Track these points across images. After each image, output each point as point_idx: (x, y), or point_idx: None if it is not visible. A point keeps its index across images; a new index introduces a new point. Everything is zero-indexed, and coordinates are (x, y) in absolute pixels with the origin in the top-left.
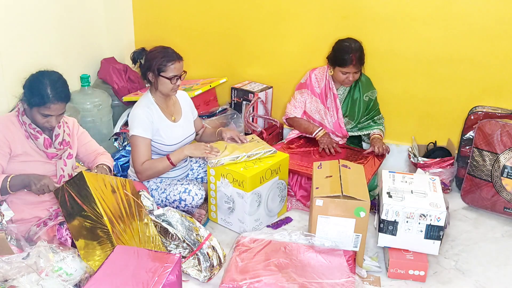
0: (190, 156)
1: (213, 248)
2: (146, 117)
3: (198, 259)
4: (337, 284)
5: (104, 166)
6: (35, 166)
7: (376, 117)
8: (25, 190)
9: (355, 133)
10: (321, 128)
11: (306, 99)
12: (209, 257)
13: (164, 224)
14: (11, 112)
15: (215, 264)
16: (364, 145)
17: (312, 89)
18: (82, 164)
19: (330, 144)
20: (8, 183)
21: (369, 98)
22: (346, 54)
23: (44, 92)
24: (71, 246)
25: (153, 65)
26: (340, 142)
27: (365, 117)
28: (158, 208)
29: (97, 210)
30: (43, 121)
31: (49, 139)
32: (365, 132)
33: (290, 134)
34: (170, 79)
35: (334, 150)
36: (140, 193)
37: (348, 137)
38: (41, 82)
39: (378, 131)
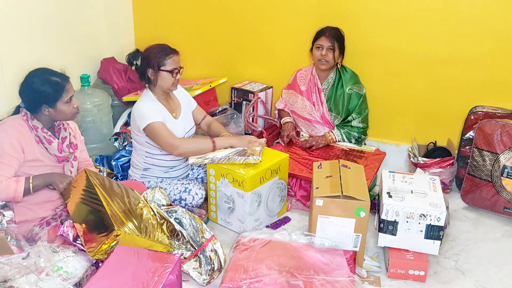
0: (232, 147)
1: (215, 251)
2: (153, 107)
3: (200, 261)
4: (337, 281)
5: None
6: (45, 171)
7: (362, 137)
8: (49, 188)
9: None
10: (289, 117)
11: (292, 99)
12: (211, 261)
13: (174, 222)
14: (14, 116)
15: (215, 268)
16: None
17: (297, 88)
18: None
19: (288, 134)
20: (30, 184)
21: (354, 92)
22: (321, 29)
23: (53, 82)
24: (73, 241)
25: (152, 61)
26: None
27: (351, 115)
28: (171, 205)
29: (98, 196)
30: (70, 109)
31: (61, 143)
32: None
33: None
34: (171, 72)
35: (288, 139)
36: (155, 187)
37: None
38: (43, 78)
39: (338, 134)
